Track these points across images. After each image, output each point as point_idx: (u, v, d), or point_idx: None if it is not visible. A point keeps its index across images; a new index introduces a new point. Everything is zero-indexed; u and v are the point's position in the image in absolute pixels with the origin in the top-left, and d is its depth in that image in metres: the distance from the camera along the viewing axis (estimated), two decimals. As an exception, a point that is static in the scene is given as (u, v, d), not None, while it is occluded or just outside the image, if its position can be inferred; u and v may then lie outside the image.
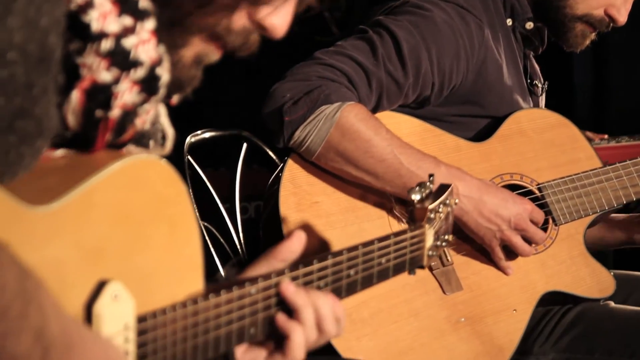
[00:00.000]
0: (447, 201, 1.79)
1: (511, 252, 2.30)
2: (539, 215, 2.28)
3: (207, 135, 2.62)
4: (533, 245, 2.29)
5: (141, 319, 1.16)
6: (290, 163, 2.17)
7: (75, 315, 1.09)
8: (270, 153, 2.73)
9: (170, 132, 1.35)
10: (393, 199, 2.20)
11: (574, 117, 2.56)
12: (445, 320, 2.20)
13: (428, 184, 1.70)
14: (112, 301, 1.10)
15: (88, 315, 1.09)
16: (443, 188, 1.80)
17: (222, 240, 2.49)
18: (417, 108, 2.36)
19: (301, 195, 2.16)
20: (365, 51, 2.24)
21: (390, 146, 2.13)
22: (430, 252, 1.71)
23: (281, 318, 1.35)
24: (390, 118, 2.27)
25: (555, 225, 2.38)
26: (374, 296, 2.11)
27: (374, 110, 2.25)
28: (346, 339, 2.06)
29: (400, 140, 2.16)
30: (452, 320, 2.21)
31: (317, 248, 2.12)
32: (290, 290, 1.35)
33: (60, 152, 1.19)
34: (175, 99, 1.32)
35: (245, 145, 2.69)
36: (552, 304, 2.39)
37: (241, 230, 2.57)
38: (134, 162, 1.17)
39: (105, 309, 1.10)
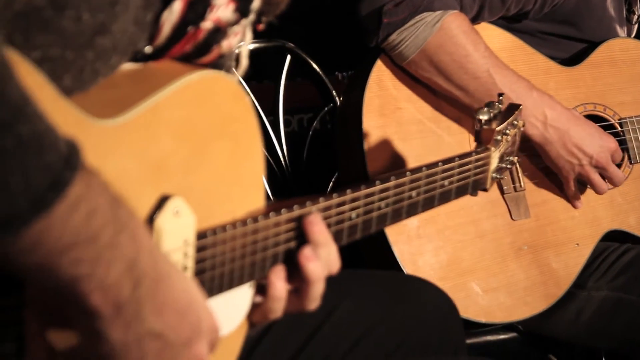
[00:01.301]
0: (516, 122, 1.69)
1: (582, 185, 2.21)
2: (619, 157, 2.18)
3: (251, 46, 2.47)
4: (606, 182, 2.21)
5: (201, 235, 1.10)
6: (378, 64, 2.06)
7: None
8: (315, 66, 2.60)
9: (245, 62, 1.28)
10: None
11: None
12: (509, 246, 2.13)
13: (497, 104, 1.61)
14: (173, 216, 1.05)
15: (149, 230, 1.03)
16: (512, 108, 1.70)
17: (265, 152, 2.45)
18: (511, 21, 2.23)
19: (386, 99, 2.06)
20: None
21: (486, 64, 2.03)
22: (494, 175, 1.64)
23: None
24: (483, 30, 2.13)
25: (630, 163, 2.29)
26: (441, 213, 2.04)
27: (473, 20, 2.11)
28: (410, 252, 2.00)
29: (497, 59, 2.05)
30: (515, 247, 2.14)
31: (395, 156, 2.07)
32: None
33: (128, 65, 1.12)
34: (262, 25, 1.25)
35: (289, 57, 2.57)
36: (612, 240, 2.30)
37: (285, 143, 2.53)
38: (202, 78, 1.10)
39: (166, 224, 1.04)
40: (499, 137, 1.63)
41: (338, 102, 2.60)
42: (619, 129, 2.30)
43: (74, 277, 0.85)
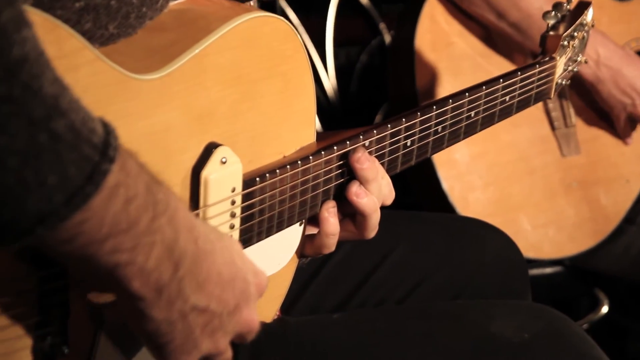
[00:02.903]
0: (585, 21, 1.57)
1: (633, 122, 2.18)
2: None
3: (297, -22, 2.35)
4: None
5: (250, 181, 1.07)
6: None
7: (183, 179, 1.01)
8: (363, -1, 2.60)
9: None
10: (530, 53, 2.08)
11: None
12: (558, 182, 2.11)
13: (565, 5, 1.50)
14: (220, 166, 1.02)
15: (196, 180, 1.02)
16: (581, 6, 1.57)
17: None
18: None
19: (437, 34, 2.03)
20: None
21: (539, 1, 1.97)
22: (559, 81, 1.54)
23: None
24: (538, -38, 2.15)
25: (683, 98, 2.31)
26: (491, 150, 2.03)
27: None
28: (460, 188, 1.99)
29: None
30: (564, 183, 2.12)
31: (446, 92, 2.08)
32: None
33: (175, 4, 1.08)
34: None
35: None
36: None
37: (334, 76, 2.52)
38: (250, 21, 1.06)
39: (213, 174, 1.02)
40: (565, 43, 1.53)
41: (385, 35, 2.59)
42: (672, 63, 2.28)
43: (114, 265, 0.83)
